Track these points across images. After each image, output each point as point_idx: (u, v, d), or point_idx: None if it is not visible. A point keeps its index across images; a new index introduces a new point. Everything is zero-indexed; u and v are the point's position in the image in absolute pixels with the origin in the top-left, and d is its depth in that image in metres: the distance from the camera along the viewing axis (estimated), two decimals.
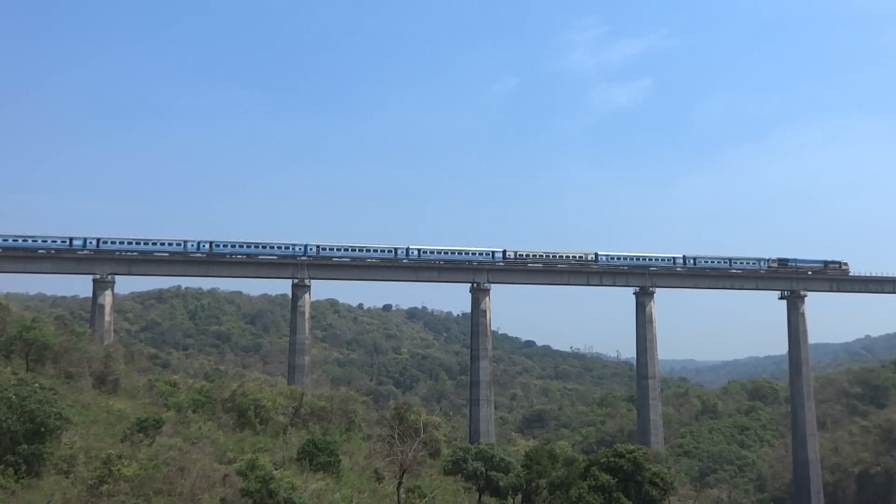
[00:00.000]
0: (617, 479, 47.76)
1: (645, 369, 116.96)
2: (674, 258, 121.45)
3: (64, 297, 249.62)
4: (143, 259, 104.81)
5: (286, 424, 56.29)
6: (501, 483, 53.04)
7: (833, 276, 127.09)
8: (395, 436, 50.98)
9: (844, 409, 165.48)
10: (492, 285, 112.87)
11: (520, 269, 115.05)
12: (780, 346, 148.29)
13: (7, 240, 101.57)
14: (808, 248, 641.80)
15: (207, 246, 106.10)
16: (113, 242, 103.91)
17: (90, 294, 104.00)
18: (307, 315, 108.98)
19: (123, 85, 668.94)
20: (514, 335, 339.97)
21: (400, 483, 41.73)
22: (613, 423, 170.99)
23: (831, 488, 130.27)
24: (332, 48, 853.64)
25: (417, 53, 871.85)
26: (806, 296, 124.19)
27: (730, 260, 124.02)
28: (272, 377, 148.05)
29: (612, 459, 49.20)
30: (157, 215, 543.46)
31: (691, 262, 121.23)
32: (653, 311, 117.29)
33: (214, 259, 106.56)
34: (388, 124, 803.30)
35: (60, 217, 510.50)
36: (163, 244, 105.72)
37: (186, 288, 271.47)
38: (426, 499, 43.36)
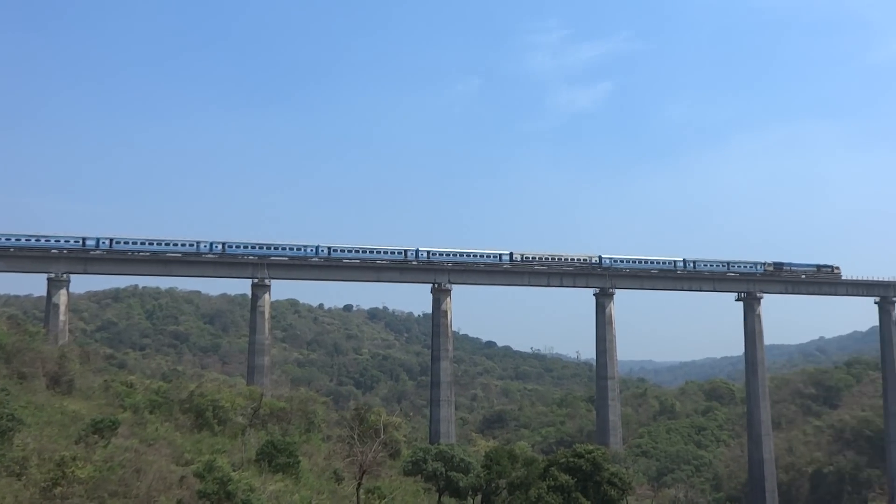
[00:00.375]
0: (576, 480, 48.01)
1: (604, 370, 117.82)
2: (674, 261, 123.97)
3: (17, 297, 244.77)
4: (101, 258, 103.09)
5: (245, 425, 55.88)
6: (461, 484, 53.04)
7: (788, 279, 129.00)
8: (355, 436, 50.77)
9: (799, 409, 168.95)
10: (452, 286, 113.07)
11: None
12: (737, 347, 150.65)
13: (20, 239, 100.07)
14: (767, 251, 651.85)
15: (220, 247, 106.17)
16: (126, 242, 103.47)
17: (44, 293, 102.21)
18: (267, 315, 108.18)
19: (70, 80, 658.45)
20: (475, 336, 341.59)
21: (359, 484, 41.55)
22: (573, 424, 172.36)
23: (785, 487, 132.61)
24: (289, 44, 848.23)
25: (379, 51, 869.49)
26: (762, 298, 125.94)
27: (727, 263, 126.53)
28: (231, 378, 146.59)
29: (571, 460, 49.45)
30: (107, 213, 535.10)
31: (691, 265, 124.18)
32: (612, 312, 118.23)
33: (170, 258, 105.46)
34: (349, 122, 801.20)
35: None
36: (175, 244, 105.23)
37: (144, 287, 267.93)
38: (386, 500, 43.22)
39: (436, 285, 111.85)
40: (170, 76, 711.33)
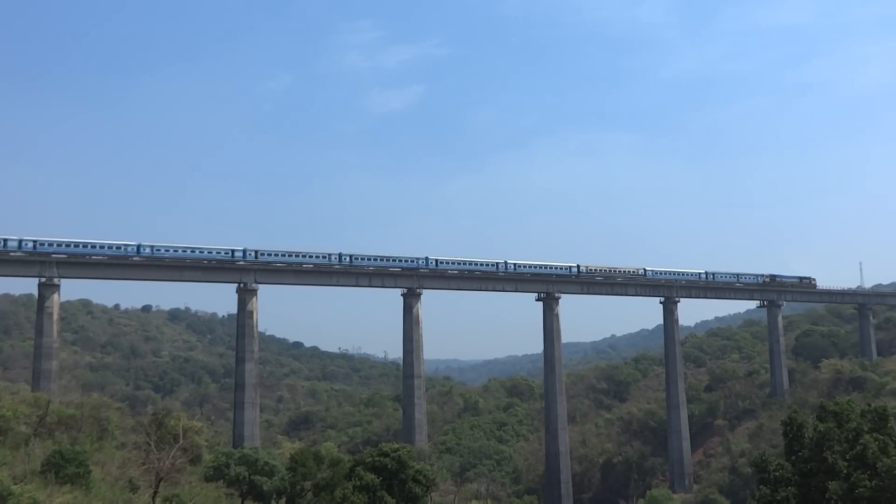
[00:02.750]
0: (381, 478, 48.51)
1: (411, 369, 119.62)
2: (685, 274, 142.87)
3: None
4: None
5: (29, 435, 52.49)
6: (265, 487, 52.29)
7: (584, 280, 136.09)
8: (152, 443, 48.68)
9: (592, 403, 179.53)
10: (259, 286, 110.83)
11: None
12: (537, 345, 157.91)
13: None
14: (571, 252, 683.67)
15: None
16: None
17: None
18: (56, 316, 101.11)
19: None
20: (282, 336, 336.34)
21: (156, 492, 39.93)
22: (380, 423, 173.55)
23: (579, 478, 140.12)
24: (71, 25, 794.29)
25: (179, 38, 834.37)
26: (560, 297, 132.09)
27: (727, 275, 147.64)
28: (14, 384, 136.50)
29: (376, 459, 49.93)
30: None
31: (711, 276, 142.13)
32: (419, 312, 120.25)
33: None
34: (144, 115, 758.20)
35: None
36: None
37: None
38: None
39: (241, 285, 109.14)
40: None
